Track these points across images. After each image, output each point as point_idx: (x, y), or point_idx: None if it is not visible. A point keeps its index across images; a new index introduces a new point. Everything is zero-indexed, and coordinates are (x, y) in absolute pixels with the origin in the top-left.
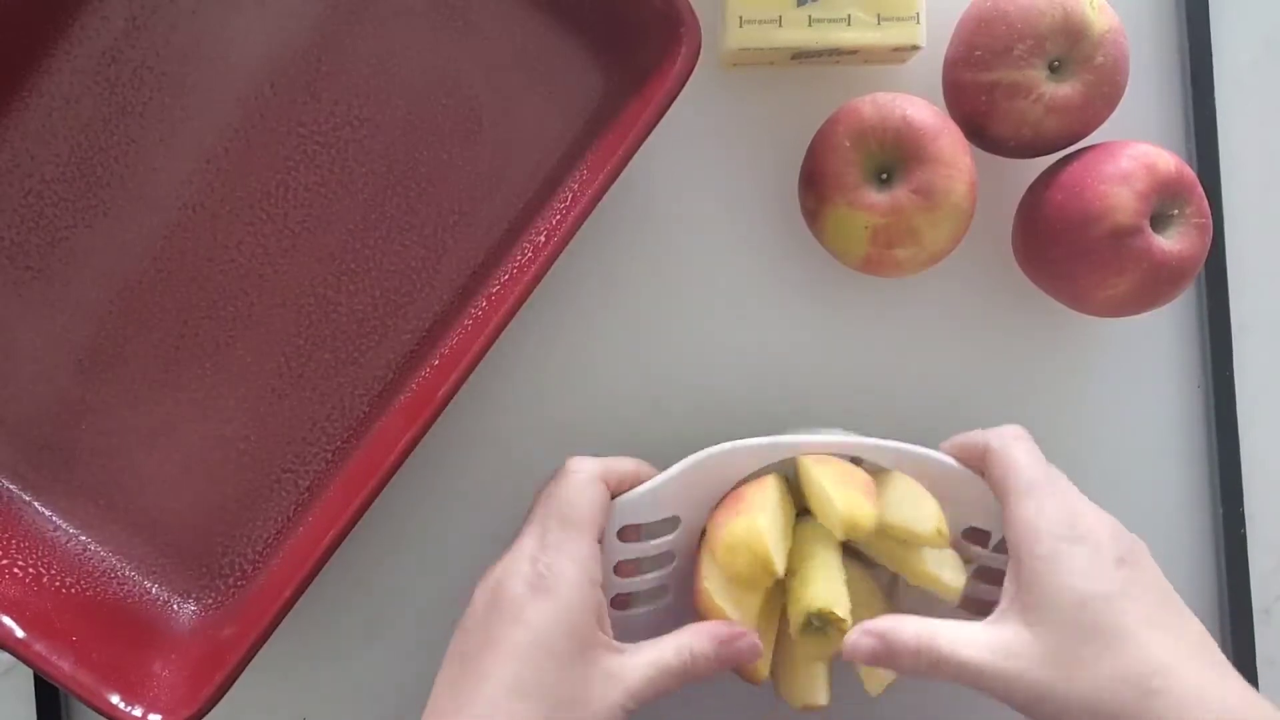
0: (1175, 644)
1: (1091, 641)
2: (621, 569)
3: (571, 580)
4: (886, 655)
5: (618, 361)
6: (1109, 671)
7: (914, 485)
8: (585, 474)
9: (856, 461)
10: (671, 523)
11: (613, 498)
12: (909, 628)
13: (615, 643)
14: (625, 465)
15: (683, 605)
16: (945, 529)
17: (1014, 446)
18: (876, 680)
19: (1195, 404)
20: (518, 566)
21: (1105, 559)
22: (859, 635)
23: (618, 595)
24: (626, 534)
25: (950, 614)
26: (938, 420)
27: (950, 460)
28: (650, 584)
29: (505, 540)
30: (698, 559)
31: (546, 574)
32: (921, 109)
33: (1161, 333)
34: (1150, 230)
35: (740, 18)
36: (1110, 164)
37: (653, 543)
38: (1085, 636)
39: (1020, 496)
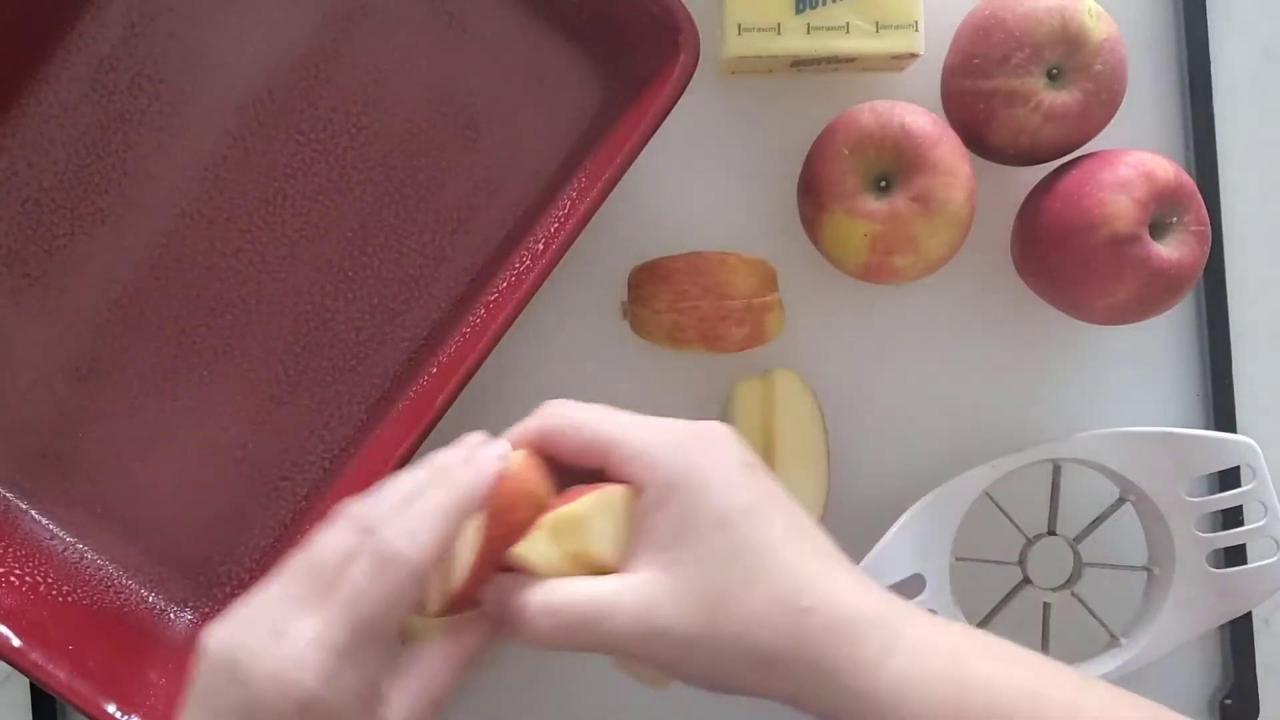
0: (814, 556)
1: (738, 566)
2: None
3: (359, 709)
4: (516, 616)
5: (617, 368)
6: (759, 597)
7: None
8: (415, 565)
9: None
10: (916, 582)
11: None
12: (548, 594)
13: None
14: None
15: None
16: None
17: (579, 414)
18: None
19: (1194, 411)
20: (273, 668)
21: (733, 467)
22: (491, 587)
23: None
24: None
25: None
26: (936, 427)
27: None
28: None
29: None
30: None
31: (322, 692)
32: (920, 117)
33: (1160, 340)
34: (1149, 238)
35: (739, 25)
36: (1109, 172)
37: None
38: (731, 561)
39: (619, 441)
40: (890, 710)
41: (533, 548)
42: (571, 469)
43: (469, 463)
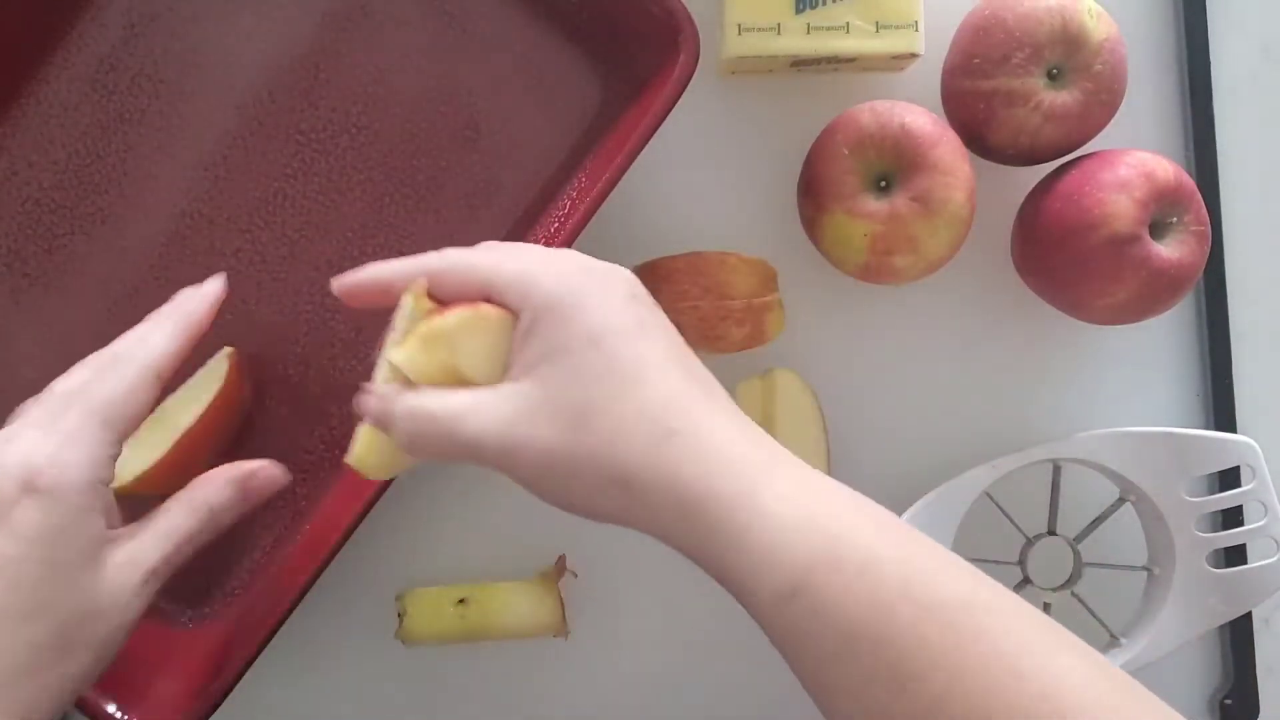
0: (690, 384)
1: (607, 380)
2: None
3: (76, 479)
4: (385, 418)
5: None
6: (626, 411)
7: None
8: (146, 368)
9: None
10: None
11: None
12: (415, 398)
13: (119, 529)
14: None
15: None
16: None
17: (462, 254)
18: (374, 457)
19: (1195, 411)
20: (5, 458)
21: (616, 294)
22: (365, 394)
23: None
24: None
25: None
26: (936, 427)
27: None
28: None
29: (505, 545)
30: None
31: (46, 468)
32: (920, 117)
33: (1160, 340)
34: (1149, 238)
35: (739, 26)
36: (1109, 172)
37: None
38: (601, 376)
39: (496, 269)
40: (752, 552)
41: (404, 353)
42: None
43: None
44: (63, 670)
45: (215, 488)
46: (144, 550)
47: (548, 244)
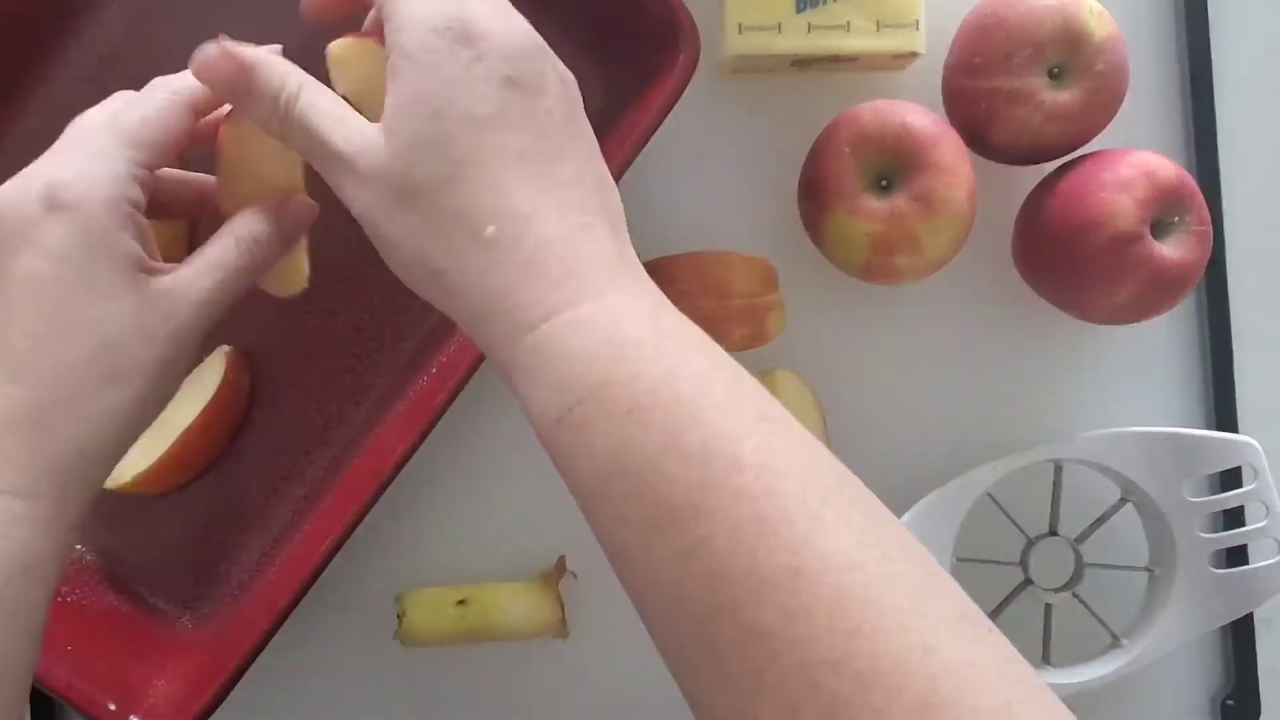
0: (539, 193)
1: (436, 165)
2: None
3: (100, 194)
4: (245, 89)
5: None
6: (443, 205)
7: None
8: (178, 94)
9: None
10: None
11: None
12: (315, 94)
13: (163, 262)
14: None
15: None
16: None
17: None
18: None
19: (1196, 411)
20: (29, 180)
21: (489, 73)
22: (214, 50)
23: None
24: None
25: None
26: (937, 428)
27: None
28: None
29: (505, 545)
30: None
31: (72, 182)
32: (921, 116)
33: (1162, 340)
34: (1151, 238)
35: (739, 25)
36: (1110, 171)
37: None
38: (431, 158)
39: None
40: (529, 372)
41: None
42: None
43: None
44: (113, 396)
45: (249, 218)
46: (193, 277)
47: None
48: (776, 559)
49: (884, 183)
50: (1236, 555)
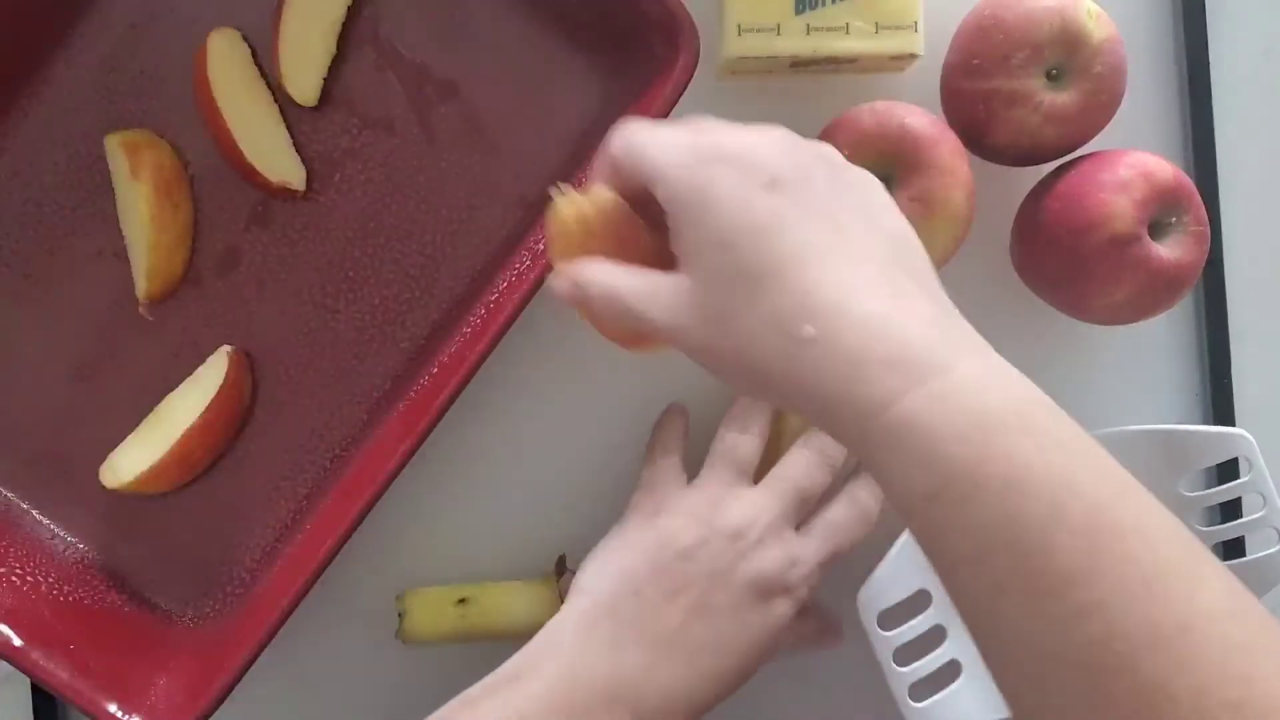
0: (841, 279)
1: (739, 287)
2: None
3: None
4: (582, 299)
5: (617, 368)
6: (757, 320)
7: None
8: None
9: None
10: (921, 599)
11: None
12: (597, 276)
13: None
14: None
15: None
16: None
17: (633, 136)
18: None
19: (1194, 411)
20: (775, 553)
21: (753, 183)
22: (557, 277)
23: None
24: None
25: None
26: None
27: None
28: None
29: (505, 545)
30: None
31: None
32: (920, 117)
33: (1160, 341)
34: (1148, 238)
35: (739, 26)
36: (1108, 172)
37: (910, 624)
38: (732, 282)
39: (645, 162)
40: (892, 453)
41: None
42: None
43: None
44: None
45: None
46: None
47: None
48: (1168, 617)
49: (882, 183)
50: (1236, 549)
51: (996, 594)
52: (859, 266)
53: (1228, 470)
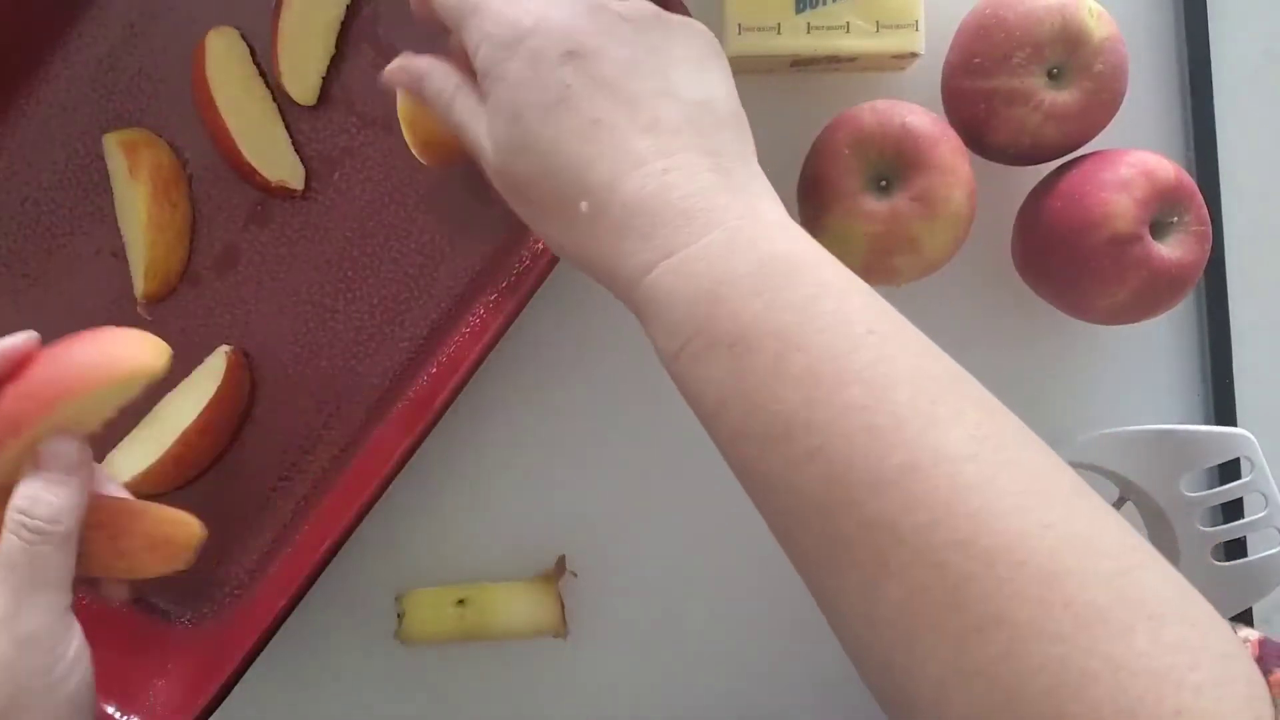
0: (618, 155)
1: (525, 161)
2: None
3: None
4: (419, 91)
5: (617, 367)
6: (543, 194)
7: None
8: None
9: None
10: None
11: None
12: (436, 69)
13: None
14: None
15: None
16: None
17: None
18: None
19: (1195, 411)
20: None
21: (547, 57)
22: (396, 63)
23: None
24: None
25: None
26: None
27: None
28: None
29: (505, 545)
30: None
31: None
32: (921, 116)
33: (1161, 340)
34: (1150, 238)
35: (739, 25)
36: (1110, 172)
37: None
38: (520, 157)
39: (464, 18)
40: (645, 316)
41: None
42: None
43: None
44: None
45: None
46: None
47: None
48: (890, 459)
49: (883, 183)
50: (1238, 549)
51: (738, 440)
52: (638, 140)
53: (1229, 470)
